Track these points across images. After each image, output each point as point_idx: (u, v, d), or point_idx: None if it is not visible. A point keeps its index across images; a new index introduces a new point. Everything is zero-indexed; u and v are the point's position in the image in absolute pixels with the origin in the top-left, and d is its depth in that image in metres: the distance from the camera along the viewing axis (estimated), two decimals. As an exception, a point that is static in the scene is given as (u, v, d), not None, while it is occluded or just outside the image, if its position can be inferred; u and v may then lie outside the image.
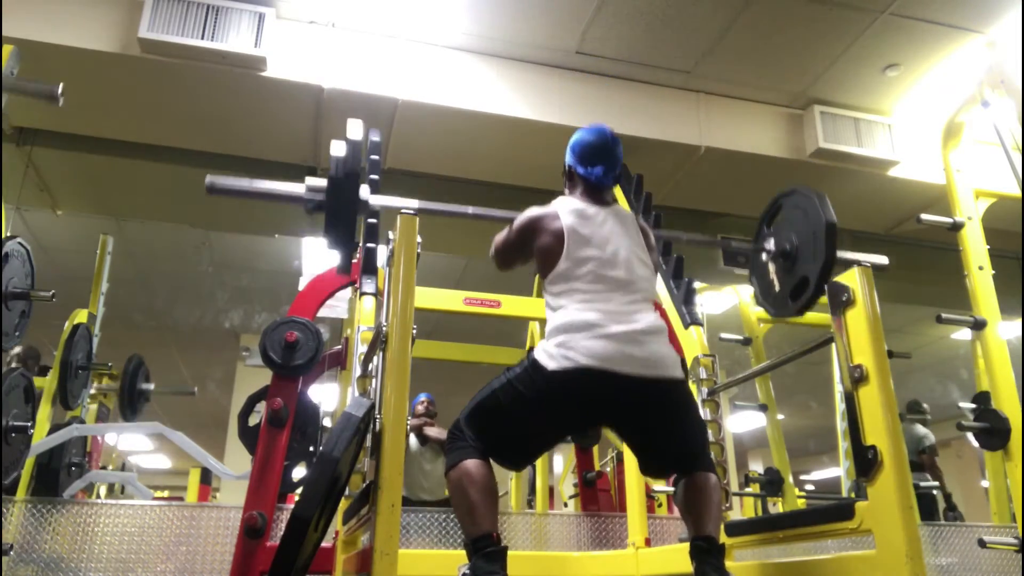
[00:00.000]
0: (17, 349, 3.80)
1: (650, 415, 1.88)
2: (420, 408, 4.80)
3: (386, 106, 3.93)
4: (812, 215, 2.11)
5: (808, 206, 2.14)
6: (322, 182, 1.97)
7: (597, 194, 2.12)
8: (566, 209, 2.04)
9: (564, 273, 1.95)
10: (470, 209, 2.37)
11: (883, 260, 2.45)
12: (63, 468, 3.59)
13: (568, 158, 2.22)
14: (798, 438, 11.17)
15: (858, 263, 2.52)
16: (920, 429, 5.23)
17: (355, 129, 2.02)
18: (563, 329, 1.84)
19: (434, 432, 4.70)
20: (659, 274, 2.85)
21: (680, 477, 1.94)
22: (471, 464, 1.80)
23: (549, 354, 1.82)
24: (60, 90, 2.23)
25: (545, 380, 1.80)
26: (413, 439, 4.69)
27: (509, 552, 1.73)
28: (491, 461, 1.85)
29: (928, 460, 5.01)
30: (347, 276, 2.16)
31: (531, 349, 1.98)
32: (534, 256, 2.06)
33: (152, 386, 4.28)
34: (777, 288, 2.25)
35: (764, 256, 2.29)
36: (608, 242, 1.99)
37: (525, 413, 1.85)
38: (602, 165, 2.13)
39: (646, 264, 2.05)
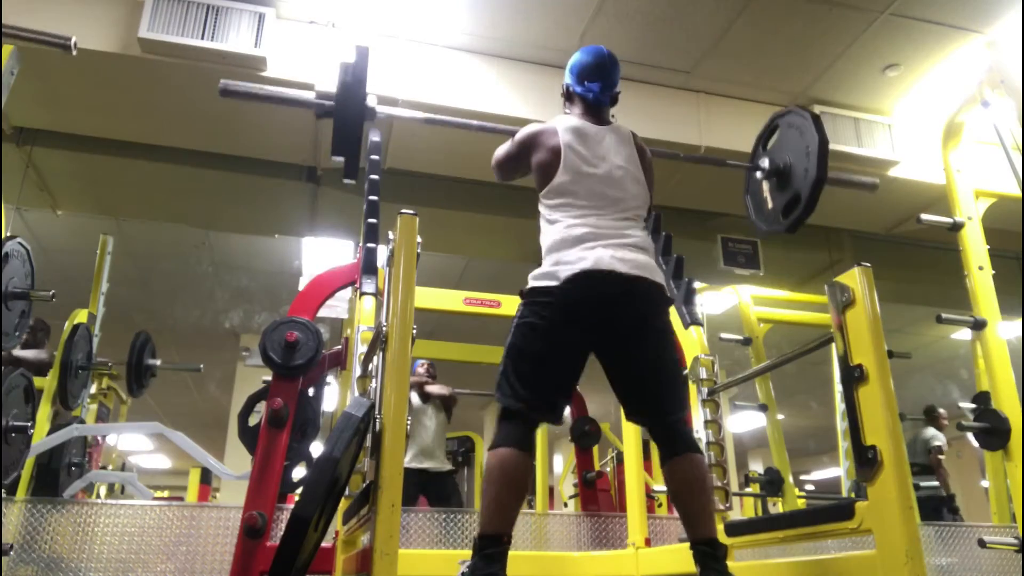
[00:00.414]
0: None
1: (637, 322, 1.95)
2: (420, 370, 4.83)
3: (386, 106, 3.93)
4: (806, 133, 2.15)
5: (802, 125, 2.19)
6: (331, 91, 2.05)
7: (595, 112, 2.18)
8: (564, 126, 2.11)
9: (559, 187, 2.02)
10: (474, 122, 2.48)
11: (875, 181, 2.53)
12: (63, 468, 3.59)
13: (566, 78, 2.29)
14: (798, 438, 11.17)
15: (851, 181, 2.57)
16: (930, 431, 5.24)
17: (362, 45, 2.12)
18: (557, 246, 1.95)
19: (436, 389, 4.76)
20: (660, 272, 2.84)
21: (664, 457, 1.96)
22: (509, 455, 1.81)
23: (545, 273, 1.93)
24: (74, 41, 2.24)
25: (548, 297, 1.90)
26: (415, 397, 4.73)
27: (509, 552, 1.74)
28: (532, 437, 1.89)
29: (933, 460, 5.02)
30: (352, 180, 2.22)
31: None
32: (532, 170, 2.12)
33: (158, 361, 4.28)
34: (769, 205, 2.31)
35: (758, 174, 2.34)
36: (604, 159, 2.07)
37: (542, 339, 1.91)
38: (599, 82, 2.19)
39: (640, 182, 2.13)
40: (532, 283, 1.96)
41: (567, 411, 3.73)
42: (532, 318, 1.92)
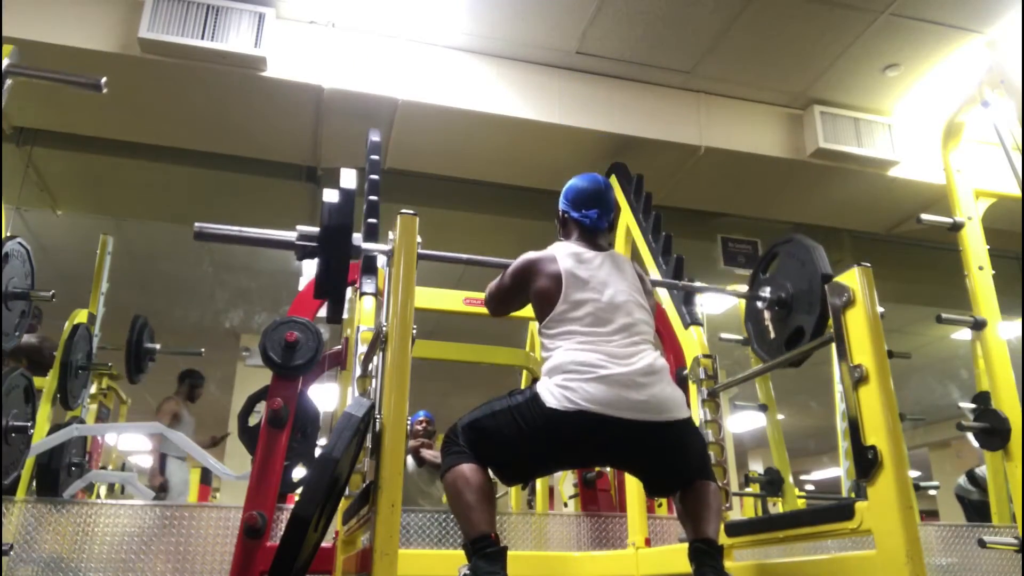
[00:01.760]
0: (34, 338, 3.78)
1: (650, 454, 1.87)
2: (418, 428, 4.76)
3: (386, 106, 3.93)
4: (808, 266, 2.11)
5: (804, 256, 2.15)
6: (314, 229, 1.91)
7: (592, 238, 2.13)
8: (563, 253, 2.05)
9: (561, 316, 1.94)
10: (463, 256, 2.29)
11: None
12: (63, 468, 3.59)
13: (562, 204, 2.23)
14: (798, 438, 11.17)
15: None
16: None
17: (348, 178, 1.95)
18: (563, 368, 1.84)
19: (430, 455, 4.66)
20: (659, 274, 2.85)
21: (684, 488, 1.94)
22: (467, 468, 1.80)
23: (551, 392, 1.82)
24: (104, 80, 2.17)
25: (544, 417, 1.80)
26: (410, 461, 4.65)
27: (509, 552, 1.74)
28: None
29: None
30: (338, 323, 2.14)
31: (535, 381, 1.98)
32: (531, 300, 2.05)
33: (158, 346, 4.23)
34: (772, 335, 2.27)
35: (759, 304, 2.30)
36: (606, 285, 1.99)
37: (520, 444, 1.84)
38: (597, 209, 2.14)
39: (644, 308, 2.04)
40: (539, 389, 1.85)
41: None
42: (523, 422, 1.83)
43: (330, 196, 1.92)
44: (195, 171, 4.51)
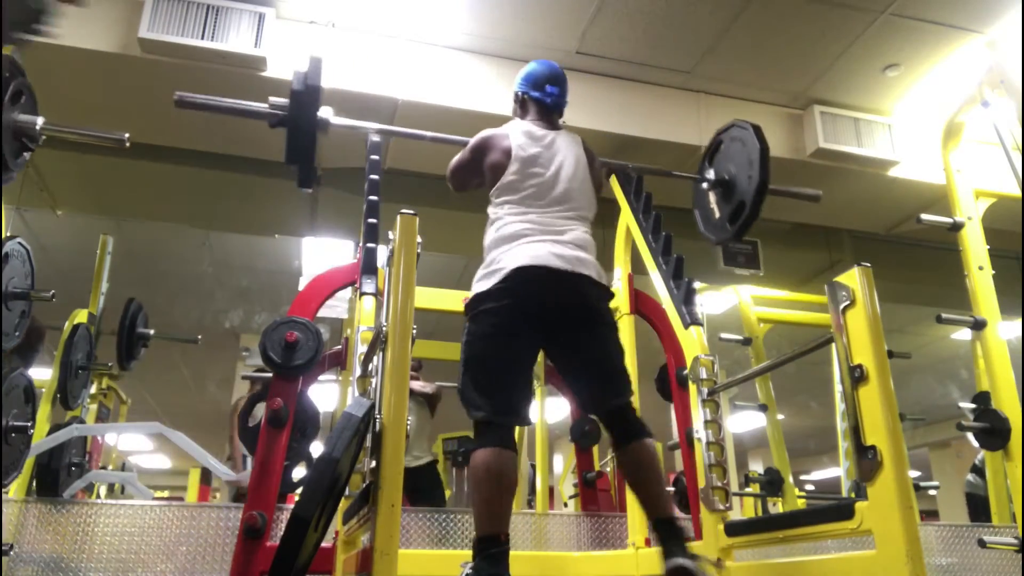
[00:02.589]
0: None
1: (577, 315, 2.04)
2: None
3: (386, 106, 3.93)
4: (748, 143, 2.26)
5: (744, 136, 2.30)
6: (284, 100, 2.11)
7: (548, 117, 2.33)
8: (517, 130, 2.25)
9: (506, 185, 2.14)
10: (427, 133, 2.66)
11: (817, 193, 2.66)
12: (63, 468, 3.59)
13: (520, 86, 2.43)
14: (798, 438, 11.17)
15: (791, 193, 2.70)
16: None
17: (315, 54, 2.17)
18: (494, 244, 2.07)
19: (417, 385, 4.74)
20: (659, 274, 2.85)
21: (617, 442, 2.06)
22: (490, 454, 1.87)
23: (484, 275, 2.02)
24: (127, 136, 2.33)
25: (490, 300, 1.98)
26: None
27: (510, 552, 1.74)
28: (508, 440, 1.93)
29: None
30: (308, 189, 2.34)
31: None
32: (485, 173, 2.24)
33: (151, 331, 4.17)
34: (716, 215, 2.42)
35: (704, 186, 2.44)
36: (552, 161, 2.18)
37: (492, 343, 2.00)
38: (558, 87, 2.35)
39: (586, 184, 2.23)
40: (474, 289, 2.04)
41: (568, 411, 3.73)
42: (480, 325, 2.01)
43: (300, 67, 2.10)
44: (195, 171, 4.51)
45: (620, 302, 3.23)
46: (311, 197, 4.69)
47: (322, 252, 5.44)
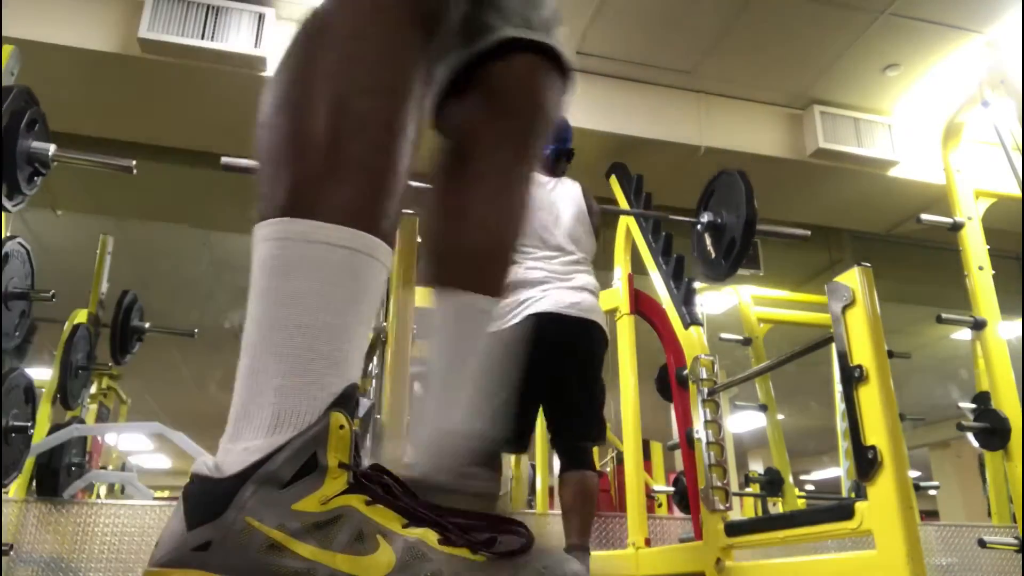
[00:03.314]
0: None
1: (580, 358, 2.28)
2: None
3: (386, 106, 3.93)
4: (735, 188, 2.49)
5: (732, 182, 2.53)
6: None
7: (550, 168, 2.52)
8: None
9: None
10: None
11: (805, 233, 2.85)
12: (63, 468, 3.59)
13: None
14: (798, 438, 11.16)
15: (777, 234, 2.92)
16: None
17: None
18: (515, 286, 2.20)
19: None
20: (659, 274, 2.86)
21: (563, 471, 2.28)
22: None
23: (504, 313, 2.02)
24: (134, 163, 2.40)
25: (506, 335, 2.02)
26: None
27: None
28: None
29: None
30: None
31: None
32: None
33: (147, 324, 4.12)
34: (712, 255, 2.64)
35: (699, 227, 2.66)
36: (552, 207, 2.36)
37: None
38: (552, 144, 2.51)
39: (586, 230, 2.43)
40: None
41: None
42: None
43: None
44: (195, 171, 4.51)
45: (620, 302, 3.23)
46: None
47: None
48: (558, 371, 2.26)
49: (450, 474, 0.74)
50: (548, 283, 2.24)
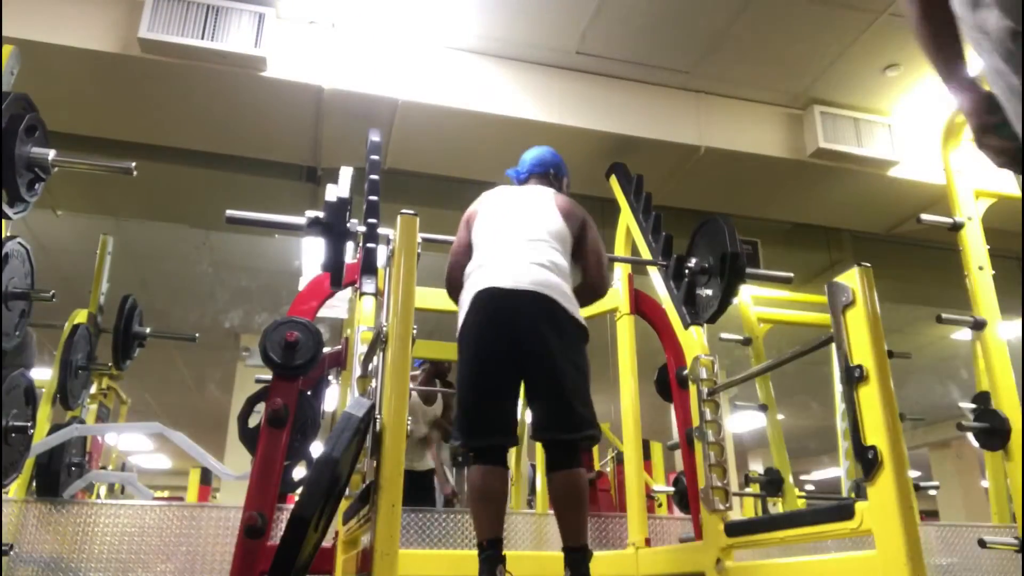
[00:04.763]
0: None
1: (534, 328, 2.12)
2: (417, 373, 4.80)
3: (386, 106, 3.93)
4: (719, 237, 2.58)
5: (717, 232, 2.61)
6: (319, 214, 2.37)
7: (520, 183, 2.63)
8: (484, 197, 2.52)
9: (473, 244, 2.36)
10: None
11: (789, 275, 2.88)
12: (63, 468, 3.59)
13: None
14: (798, 438, 11.17)
15: (764, 276, 3.01)
16: None
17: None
18: (466, 278, 2.26)
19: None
20: (659, 273, 2.86)
21: (549, 470, 2.15)
22: (478, 471, 2.07)
23: (461, 304, 2.23)
24: (134, 165, 2.42)
25: (465, 325, 2.18)
26: (415, 396, 4.72)
27: (510, 552, 1.77)
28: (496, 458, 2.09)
29: None
30: (339, 289, 2.62)
31: None
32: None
33: (148, 329, 4.14)
34: (697, 299, 2.69)
35: (686, 272, 2.71)
36: (512, 206, 2.39)
37: (472, 362, 2.16)
38: (515, 169, 2.70)
39: (551, 217, 2.34)
40: (460, 310, 2.24)
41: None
42: (462, 346, 2.20)
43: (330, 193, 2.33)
44: (195, 171, 4.51)
45: (620, 302, 3.23)
46: (311, 197, 4.69)
47: (322, 252, 5.43)
48: (519, 353, 2.14)
49: None
50: (490, 264, 2.21)
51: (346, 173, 2.38)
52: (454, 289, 2.41)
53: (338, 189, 2.32)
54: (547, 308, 2.12)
